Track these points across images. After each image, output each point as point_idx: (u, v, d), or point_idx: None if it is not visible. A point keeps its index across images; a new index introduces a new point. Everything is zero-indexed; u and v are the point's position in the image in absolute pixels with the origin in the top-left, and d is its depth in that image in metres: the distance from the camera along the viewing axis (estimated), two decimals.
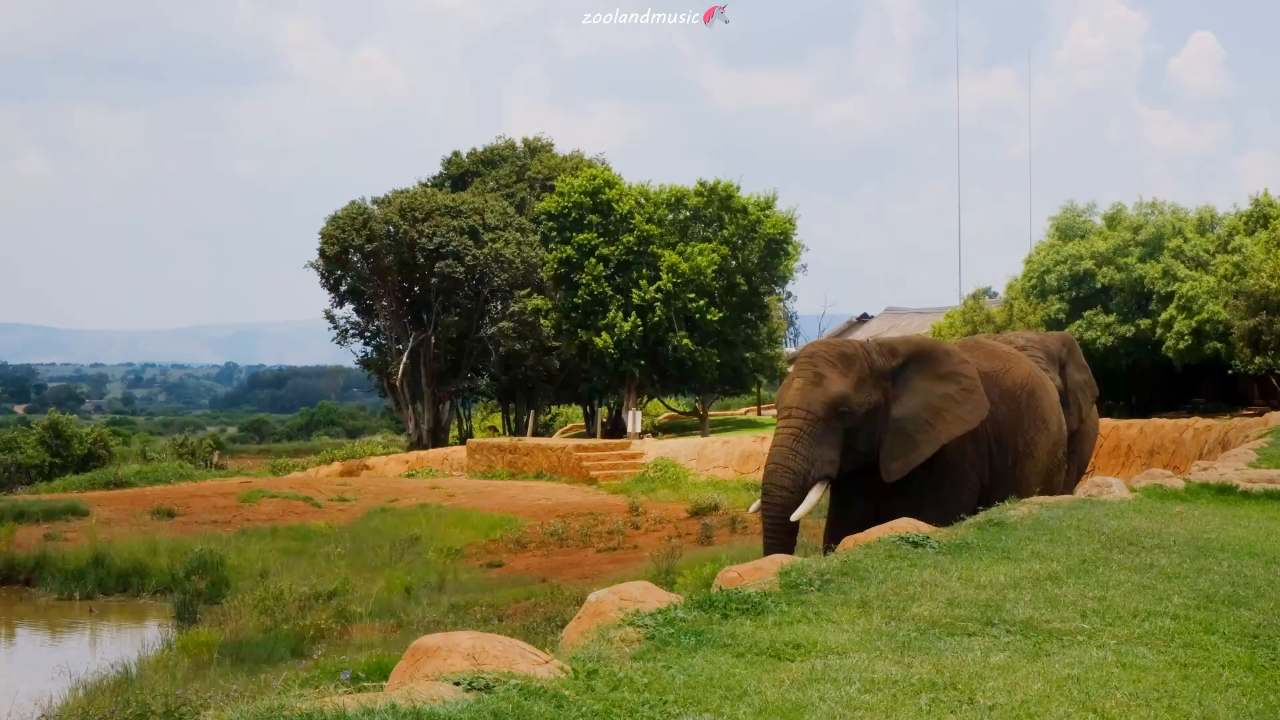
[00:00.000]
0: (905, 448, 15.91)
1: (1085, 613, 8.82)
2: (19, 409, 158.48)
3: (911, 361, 16.42)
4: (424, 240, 64.68)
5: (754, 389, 69.95)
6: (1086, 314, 51.72)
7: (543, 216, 61.22)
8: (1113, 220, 55.27)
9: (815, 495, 15.62)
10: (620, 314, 56.05)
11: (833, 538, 16.04)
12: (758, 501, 16.27)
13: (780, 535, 15.63)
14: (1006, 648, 7.91)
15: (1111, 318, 51.22)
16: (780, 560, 10.48)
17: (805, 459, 15.51)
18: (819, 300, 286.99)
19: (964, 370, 16.39)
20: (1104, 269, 51.86)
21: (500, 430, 73.37)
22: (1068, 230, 56.04)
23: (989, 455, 16.71)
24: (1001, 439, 16.80)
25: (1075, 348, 21.25)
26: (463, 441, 60.96)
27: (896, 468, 15.87)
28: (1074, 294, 52.65)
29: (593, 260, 57.01)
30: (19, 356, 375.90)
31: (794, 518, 15.49)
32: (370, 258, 66.32)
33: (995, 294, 66.16)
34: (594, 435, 61.63)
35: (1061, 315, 51.88)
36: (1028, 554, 10.97)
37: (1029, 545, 11.37)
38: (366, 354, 72.28)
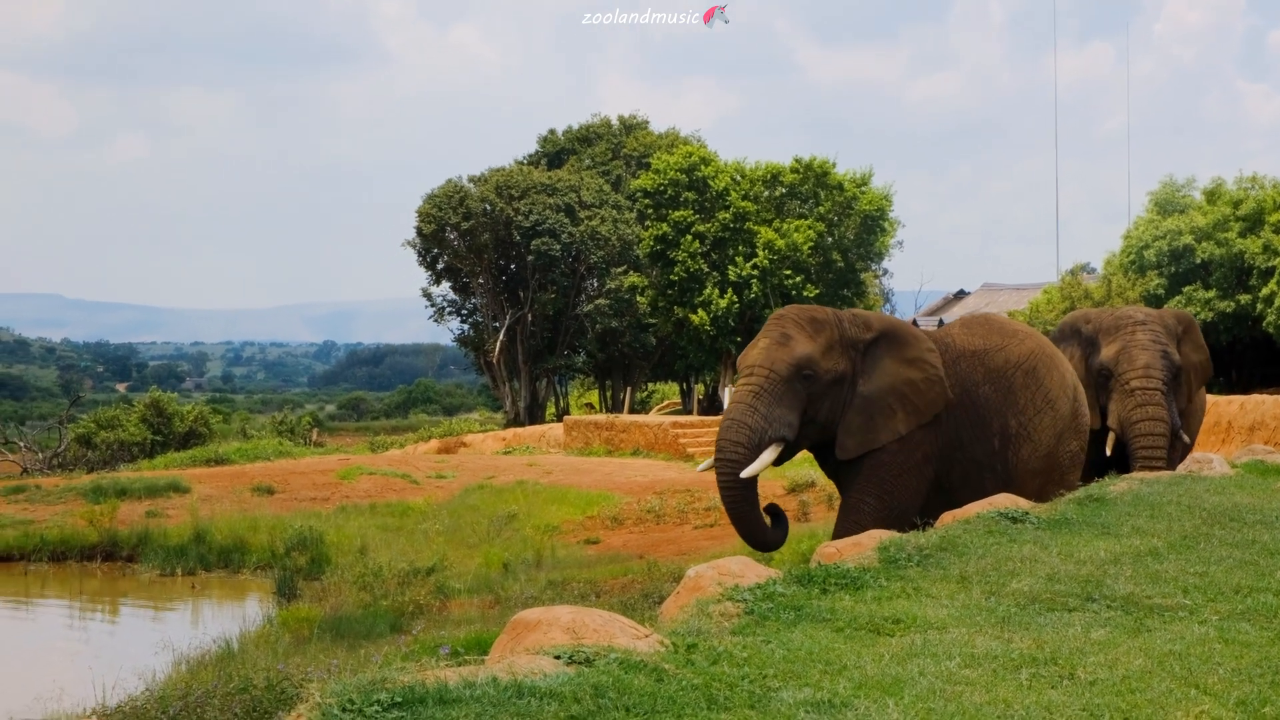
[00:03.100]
0: (865, 428, 15.62)
1: (1187, 588, 8.77)
2: (121, 387, 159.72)
3: (882, 339, 16.04)
4: (520, 218, 64.72)
5: None
6: (1186, 289, 51.22)
7: (638, 194, 61.10)
8: (1212, 195, 54.70)
9: (769, 455, 15.23)
10: (716, 291, 55.88)
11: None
12: (708, 461, 15.93)
13: (735, 493, 15.27)
14: (1107, 623, 7.87)
15: (1211, 293, 50.69)
16: (879, 536, 10.46)
17: (763, 417, 15.16)
18: (915, 277, 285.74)
19: (930, 358, 15.96)
20: (1203, 244, 51.34)
21: (597, 407, 73.32)
22: (1166, 205, 55.53)
23: (958, 443, 16.09)
24: (982, 422, 16.18)
25: (1193, 327, 20.85)
26: (559, 419, 60.98)
27: (852, 445, 15.62)
28: (1173, 269, 52.15)
29: (688, 237, 56.87)
30: (121, 336, 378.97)
31: (744, 475, 15.08)
32: (467, 236, 66.40)
33: (1093, 270, 65.59)
34: (690, 412, 61.47)
35: (1160, 291, 51.41)
36: (1128, 529, 10.91)
37: (1129, 521, 11.30)
38: (463, 331, 72.35)
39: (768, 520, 15.86)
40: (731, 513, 15.59)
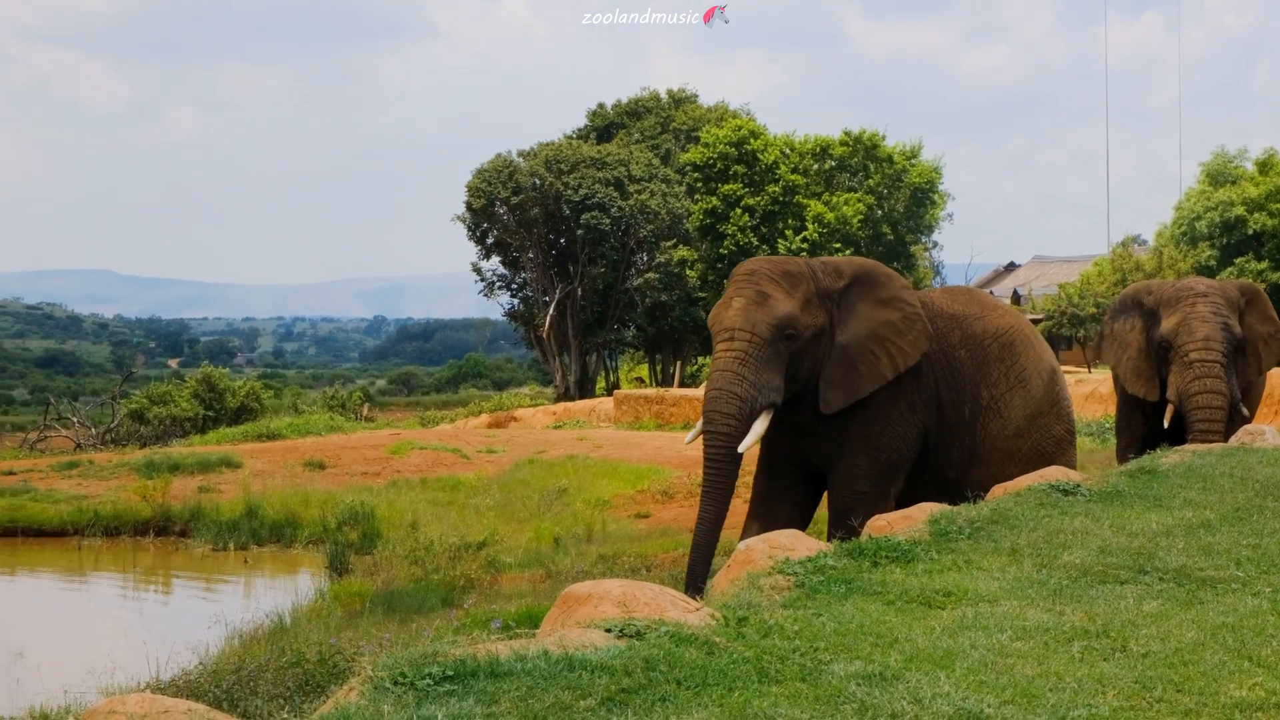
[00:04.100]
0: (849, 378, 14.77)
1: (1239, 560, 8.75)
2: (173, 363, 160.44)
3: (855, 284, 15.24)
4: (570, 192, 64.80)
5: None
6: (1238, 261, 51.03)
7: (688, 168, 61.10)
8: (1265, 166, 54.46)
9: (761, 425, 14.38)
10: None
11: (764, 469, 15.62)
12: (695, 431, 15.10)
13: (723, 468, 14.43)
14: (1159, 596, 7.86)
15: (1264, 264, 50.50)
16: (930, 508, 10.45)
17: (752, 385, 14.22)
18: (965, 249, 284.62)
19: (906, 296, 15.28)
20: (1256, 215, 51.15)
21: (647, 381, 73.38)
22: (1218, 176, 55.30)
23: (936, 401, 15.39)
24: (957, 386, 15.48)
25: (1260, 297, 20.34)
26: (609, 393, 61.07)
27: (838, 399, 14.72)
28: (1225, 241, 51.97)
29: (738, 211, 56.85)
30: (172, 312, 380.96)
31: (741, 449, 14.27)
32: (516, 210, 66.54)
33: (1144, 242, 65.44)
34: None
35: (1212, 262, 51.21)
36: (1180, 502, 10.88)
37: (1181, 493, 11.26)
38: (513, 306, 72.53)
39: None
40: (710, 491, 14.69)
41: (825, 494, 15.68)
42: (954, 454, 15.30)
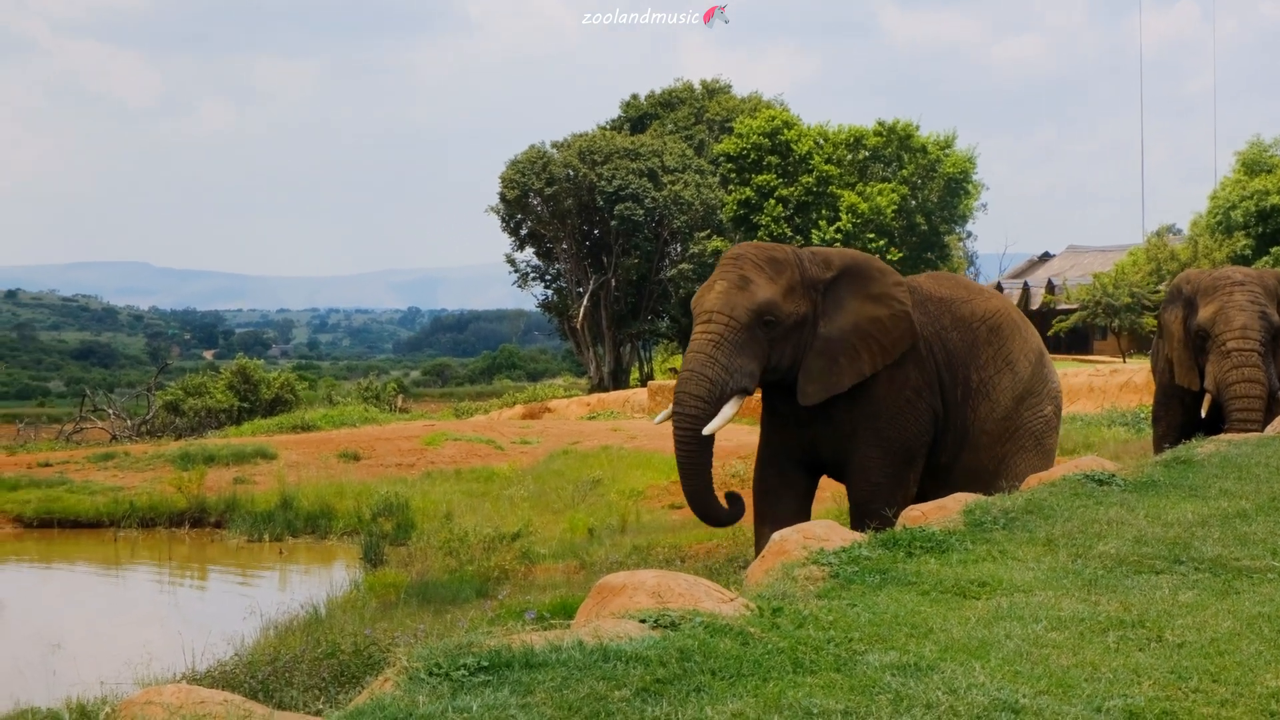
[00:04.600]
0: (826, 372, 14.62)
1: (1276, 550, 8.72)
2: (208, 355, 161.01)
3: (844, 276, 15.03)
4: (603, 183, 64.83)
5: None
6: (1274, 250, 50.86)
7: (721, 158, 61.16)
8: None
9: (730, 409, 14.38)
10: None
11: (767, 461, 15.73)
12: (665, 412, 15.25)
13: (692, 449, 14.55)
14: (1195, 585, 7.84)
15: None
16: (964, 499, 10.43)
17: (724, 368, 14.17)
18: (999, 240, 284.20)
19: (897, 294, 15.06)
20: None
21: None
22: (1254, 165, 55.10)
23: (939, 383, 15.28)
24: (952, 367, 15.36)
25: None
26: (643, 384, 61.07)
27: (814, 391, 14.59)
28: (1261, 230, 51.79)
29: (772, 201, 56.88)
30: (207, 303, 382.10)
31: (707, 431, 14.28)
32: (550, 201, 66.59)
33: (1179, 231, 65.26)
34: None
35: (1248, 251, 51.05)
36: (1215, 491, 10.84)
37: (1217, 483, 11.23)
38: (547, 297, 72.62)
39: (723, 501, 15.23)
40: (685, 471, 14.91)
41: (826, 483, 15.73)
42: (948, 439, 15.22)
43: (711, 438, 14.49)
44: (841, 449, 15.02)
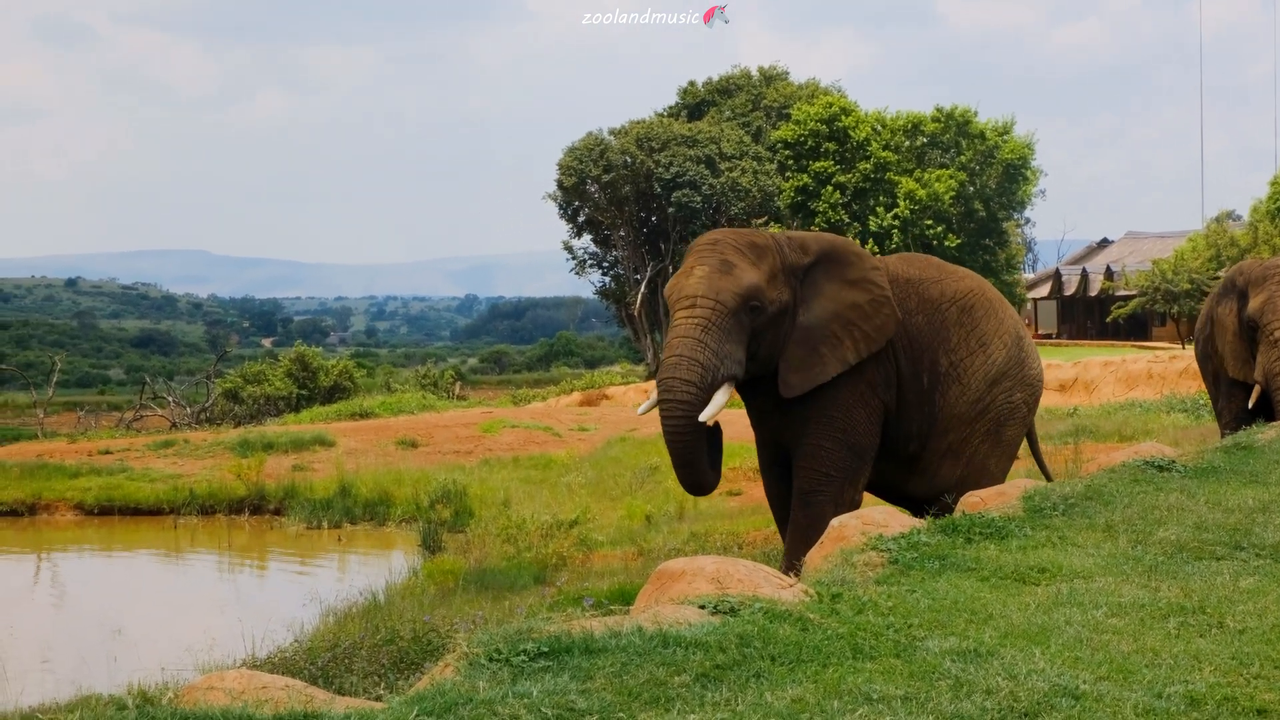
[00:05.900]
0: (809, 361, 14.08)
1: None
2: (266, 342, 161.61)
3: (821, 261, 14.46)
4: (660, 170, 64.79)
5: None
6: None
7: (779, 145, 61.08)
8: None
9: (723, 397, 13.71)
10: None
11: (764, 467, 15.43)
12: (650, 400, 14.80)
13: (687, 439, 13.94)
14: (1256, 572, 7.81)
15: None
16: (1023, 485, 10.41)
17: (714, 353, 13.43)
18: (1058, 226, 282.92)
19: (875, 278, 14.46)
20: None
21: None
22: None
23: (897, 375, 14.65)
24: (915, 355, 14.72)
25: None
26: None
27: (797, 381, 14.07)
28: None
29: (829, 188, 56.81)
30: (265, 291, 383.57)
31: (702, 418, 13.62)
32: (607, 188, 66.57)
33: (1239, 217, 64.87)
34: None
35: None
36: (1276, 478, 10.80)
37: (1277, 469, 11.17)
38: (604, 284, 72.65)
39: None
40: (679, 457, 14.29)
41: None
42: (913, 428, 14.68)
43: (703, 427, 13.92)
44: (796, 438, 14.58)
